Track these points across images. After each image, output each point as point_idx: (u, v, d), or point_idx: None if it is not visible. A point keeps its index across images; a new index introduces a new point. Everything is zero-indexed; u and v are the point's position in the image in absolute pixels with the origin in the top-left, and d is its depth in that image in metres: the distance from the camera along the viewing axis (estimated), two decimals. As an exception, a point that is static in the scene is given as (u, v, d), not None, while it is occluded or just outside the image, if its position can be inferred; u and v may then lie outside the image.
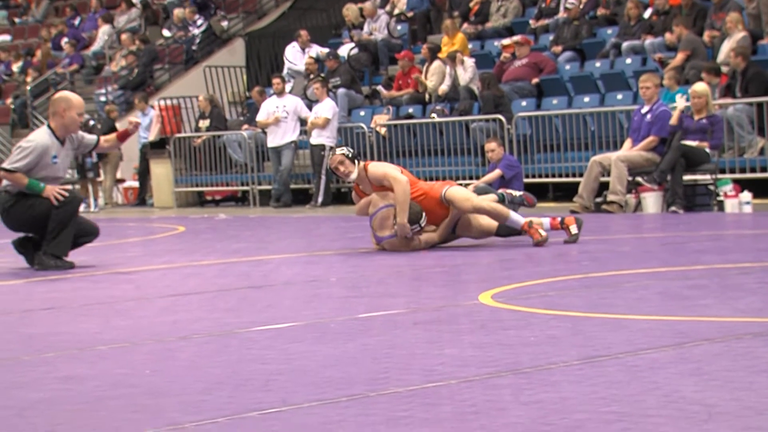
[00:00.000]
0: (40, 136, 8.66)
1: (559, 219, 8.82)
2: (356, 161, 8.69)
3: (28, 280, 8.04)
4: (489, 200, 8.83)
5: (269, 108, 17.56)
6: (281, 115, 17.33)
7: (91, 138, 8.95)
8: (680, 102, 12.55)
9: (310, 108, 17.41)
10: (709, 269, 6.73)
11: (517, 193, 9.82)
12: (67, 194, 8.52)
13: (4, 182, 8.68)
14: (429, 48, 17.64)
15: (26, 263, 8.71)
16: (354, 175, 8.69)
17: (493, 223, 8.72)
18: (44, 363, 4.55)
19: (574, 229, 8.72)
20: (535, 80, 16.32)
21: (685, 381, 3.57)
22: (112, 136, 9.22)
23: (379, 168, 8.74)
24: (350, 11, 20.29)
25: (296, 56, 19.78)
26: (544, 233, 8.52)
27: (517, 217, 8.61)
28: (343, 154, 8.70)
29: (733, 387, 3.46)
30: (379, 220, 8.63)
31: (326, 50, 19.52)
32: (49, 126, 8.71)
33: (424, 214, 8.59)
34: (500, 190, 10.00)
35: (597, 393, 3.45)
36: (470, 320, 5.07)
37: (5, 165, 8.58)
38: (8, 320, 6.01)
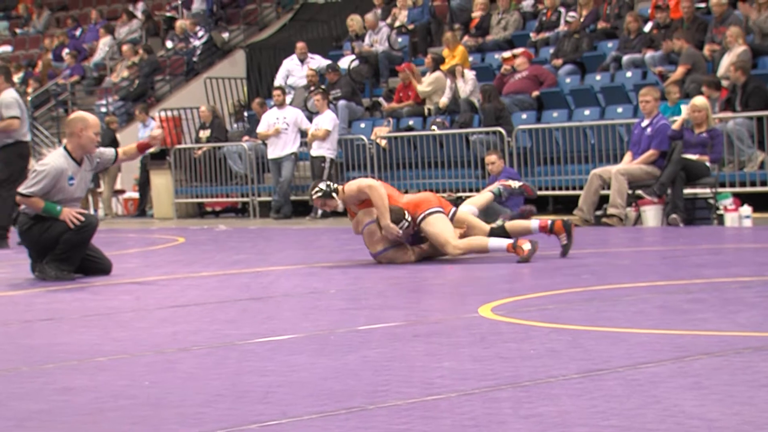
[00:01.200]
0: (55, 159, 8.64)
1: (549, 222, 8.69)
2: (334, 192, 8.74)
3: (27, 291, 8.04)
4: (461, 238, 8.71)
5: (269, 119, 17.58)
6: (281, 127, 17.35)
7: (110, 153, 8.96)
8: (685, 111, 12.55)
9: (310, 120, 17.43)
10: (709, 283, 6.73)
11: (515, 184, 9.73)
12: (83, 218, 8.51)
13: (22, 205, 8.68)
14: (433, 59, 17.66)
15: (29, 270, 8.71)
16: (339, 205, 8.79)
17: (482, 239, 8.69)
18: (43, 374, 4.55)
19: (564, 239, 8.61)
20: (535, 93, 16.35)
21: (684, 395, 3.56)
22: (132, 147, 9.26)
23: (351, 185, 8.80)
24: (355, 22, 20.32)
25: (295, 69, 19.81)
26: (527, 249, 8.33)
27: (499, 243, 8.52)
28: (318, 195, 8.78)
29: (732, 401, 3.46)
30: (368, 237, 8.67)
31: (326, 62, 19.55)
32: (65, 147, 8.72)
33: (406, 212, 8.58)
34: (498, 183, 9.93)
35: (596, 407, 3.44)
36: (470, 333, 5.07)
37: (21, 189, 8.57)
38: (8, 331, 6.01)
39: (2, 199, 12.34)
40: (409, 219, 8.58)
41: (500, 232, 8.72)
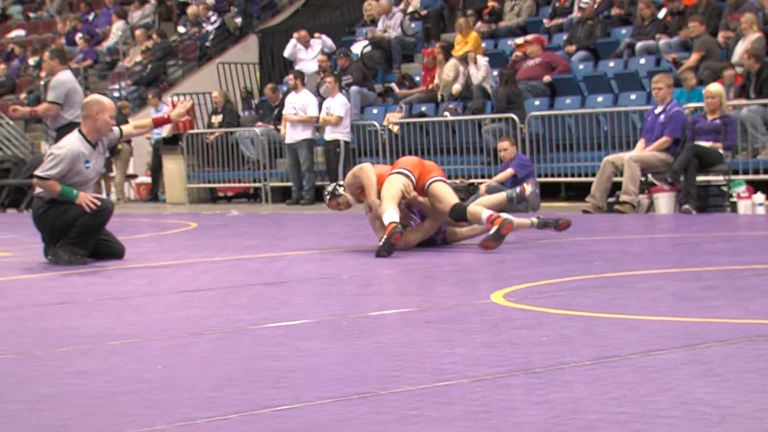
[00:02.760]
0: (71, 142, 8.65)
1: (495, 217, 8.35)
2: (339, 188, 8.80)
3: (41, 275, 8.06)
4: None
5: (286, 104, 17.64)
6: (290, 112, 17.36)
7: (115, 131, 8.94)
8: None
9: (321, 105, 17.43)
10: (722, 270, 6.71)
11: (529, 189, 9.47)
12: (99, 203, 8.52)
13: (38, 188, 8.69)
14: (442, 46, 17.62)
15: (42, 254, 8.73)
16: (350, 199, 8.83)
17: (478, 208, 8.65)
18: (57, 358, 4.56)
19: (494, 232, 8.25)
20: (547, 78, 16.27)
21: (697, 382, 3.56)
22: (147, 121, 9.31)
23: (348, 175, 8.86)
24: (372, 6, 20.27)
25: (300, 54, 19.79)
26: (492, 231, 8.20)
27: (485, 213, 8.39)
28: (328, 199, 8.87)
29: (745, 389, 3.45)
30: (372, 224, 8.71)
31: (330, 43, 19.57)
32: (79, 130, 8.72)
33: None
34: (513, 190, 9.81)
35: (609, 393, 3.44)
36: (482, 319, 5.07)
37: (38, 172, 8.58)
38: (21, 315, 6.03)
39: None
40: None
41: (461, 211, 8.46)
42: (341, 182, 8.96)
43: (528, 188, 9.35)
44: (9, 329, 5.46)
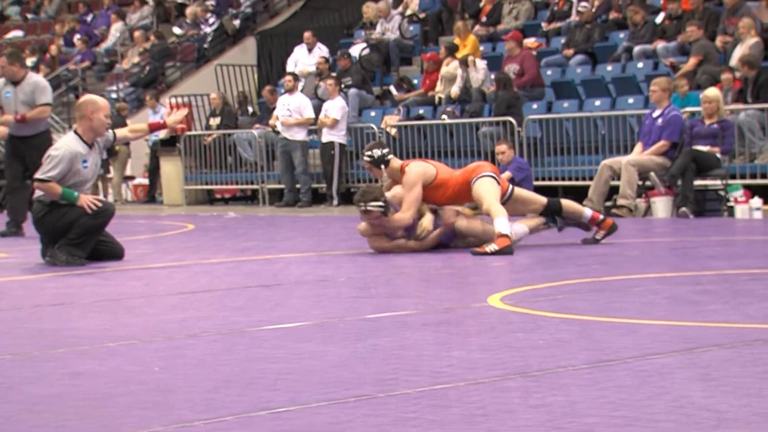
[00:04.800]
0: (67, 143, 8.66)
1: (601, 218, 8.92)
2: (383, 164, 8.66)
3: (38, 276, 8.06)
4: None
5: (279, 106, 17.63)
6: (284, 114, 17.35)
7: (108, 134, 8.95)
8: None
9: (319, 108, 17.43)
10: (719, 275, 6.72)
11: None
12: (101, 204, 8.52)
13: (38, 192, 8.69)
14: (446, 48, 17.63)
15: (40, 255, 8.73)
16: (385, 177, 8.76)
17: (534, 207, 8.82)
18: (54, 359, 4.56)
19: (599, 234, 8.83)
20: (514, 91, 16.10)
21: (694, 386, 3.56)
22: (143, 126, 9.32)
23: (410, 174, 8.61)
24: (370, 9, 20.28)
25: (302, 57, 19.86)
26: (492, 249, 8.15)
27: (503, 225, 8.31)
28: (368, 160, 8.73)
29: (742, 393, 3.45)
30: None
31: (325, 53, 19.64)
32: (75, 131, 8.73)
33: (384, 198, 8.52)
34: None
35: (606, 397, 3.45)
36: (479, 322, 5.07)
37: (38, 175, 8.58)
38: (18, 315, 6.03)
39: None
40: (384, 204, 8.51)
41: (556, 205, 8.79)
42: (387, 153, 8.70)
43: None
44: (6, 330, 5.46)
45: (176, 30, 23.91)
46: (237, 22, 23.24)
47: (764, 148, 13.34)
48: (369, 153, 8.76)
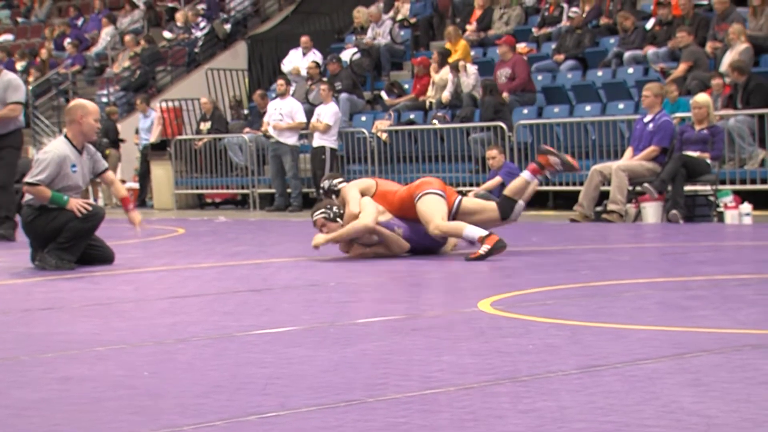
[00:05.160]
0: (56, 146, 8.67)
1: (535, 164, 8.59)
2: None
3: (27, 280, 8.04)
4: (445, 219, 8.51)
5: (270, 110, 17.62)
6: (276, 118, 17.35)
7: (103, 162, 8.96)
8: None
9: (311, 112, 17.43)
10: (709, 280, 6.73)
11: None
12: (90, 208, 8.51)
13: (27, 196, 8.67)
14: (440, 53, 17.64)
15: (29, 259, 8.71)
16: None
17: (493, 215, 8.68)
18: (43, 363, 4.55)
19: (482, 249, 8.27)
20: (505, 95, 16.11)
21: (683, 392, 3.57)
22: (123, 192, 9.21)
23: (343, 198, 8.70)
24: (361, 14, 20.30)
25: (295, 61, 19.87)
26: (484, 251, 8.13)
27: (473, 232, 8.32)
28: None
29: (731, 398, 3.46)
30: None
31: (319, 58, 19.64)
32: (65, 136, 8.73)
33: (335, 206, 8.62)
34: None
35: (595, 402, 3.45)
36: (469, 327, 5.07)
37: (27, 179, 8.56)
38: (7, 320, 6.01)
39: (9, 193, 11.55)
40: (326, 210, 8.58)
41: (508, 206, 8.60)
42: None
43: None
44: (-5, 334, 5.45)
45: (167, 34, 23.89)
46: (228, 27, 23.23)
47: (754, 154, 13.38)
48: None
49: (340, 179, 8.87)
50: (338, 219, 8.63)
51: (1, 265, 9.34)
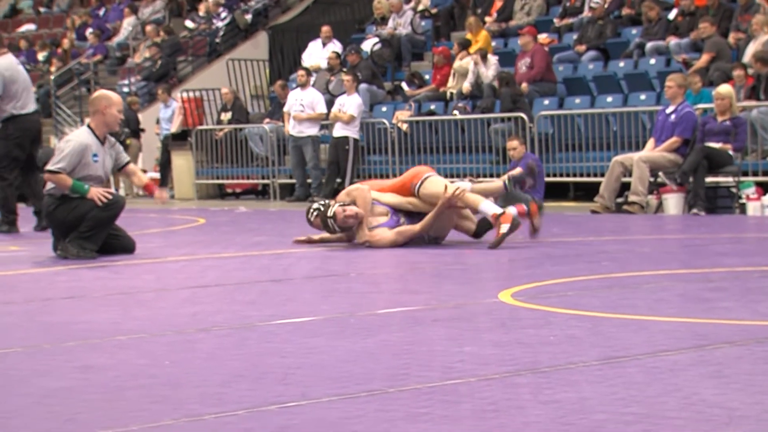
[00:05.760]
0: (78, 135, 8.72)
1: (526, 209, 8.61)
2: (331, 219, 8.66)
3: (49, 269, 8.07)
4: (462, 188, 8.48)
5: (290, 101, 17.64)
6: (297, 109, 17.36)
7: (125, 156, 9.01)
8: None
9: (331, 103, 17.43)
10: (731, 272, 6.70)
11: (517, 172, 9.56)
12: (111, 197, 8.54)
13: (48, 185, 8.70)
14: (459, 44, 17.60)
15: (51, 248, 8.75)
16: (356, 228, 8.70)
17: (471, 226, 8.68)
18: (64, 352, 4.57)
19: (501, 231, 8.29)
20: (524, 87, 16.07)
21: (705, 384, 3.55)
22: (144, 179, 9.31)
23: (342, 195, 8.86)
24: (382, 4, 20.26)
25: (315, 51, 19.87)
26: (505, 229, 8.18)
27: (488, 207, 8.38)
28: (315, 215, 8.72)
29: (753, 390, 3.44)
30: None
31: (339, 48, 19.63)
32: (88, 126, 8.77)
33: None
34: (504, 176, 9.85)
35: (616, 394, 3.44)
36: (490, 318, 5.07)
37: (48, 167, 8.60)
38: (29, 309, 6.04)
39: (6, 183, 11.19)
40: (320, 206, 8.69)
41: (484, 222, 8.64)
42: (329, 206, 8.72)
43: (516, 171, 9.42)
44: (17, 323, 5.48)
45: (188, 24, 23.92)
46: (249, 17, 23.24)
47: (776, 146, 13.30)
48: (314, 209, 8.74)
49: (327, 205, 8.75)
50: (332, 223, 8.64)
51: (23, 254, 9.39)
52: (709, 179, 12.18)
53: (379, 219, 8.67)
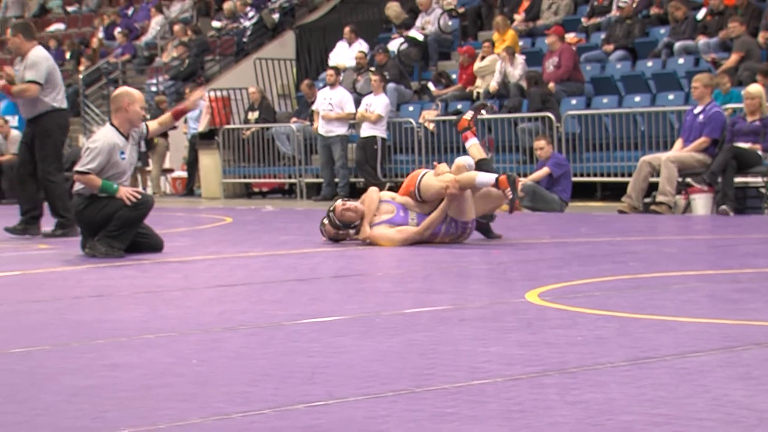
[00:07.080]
0: (105, 134, 8.73)
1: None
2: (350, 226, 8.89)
3: (78, 267, 8.11)
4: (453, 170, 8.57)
5: (319, 100, 17.67)
6: (326, 108, 17.39)
7: (142, 127, 9.00)
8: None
9: (358, 102, 17.44)
10: (759, 273, 6.66)
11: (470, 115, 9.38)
12: (140, 196, 8.58)
13: (77, 185, 8.75)
14: (490, 43, 17.59)
15: (79, 247, 8.79)
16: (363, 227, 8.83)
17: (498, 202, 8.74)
18: (93, 350, 4.59)
19: (508, 193, 8.33)
20: (551, 86, 16.04)
21: (734, 385, 3.53)
22: (167, 115, 9.27)
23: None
24: (391, 10, 20.30)
25: (341, 51, 19.90)
26: (511, 195, 8.25)
27: (484, 178, 8.42)
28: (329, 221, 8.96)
29: (782, 393, 3.42)
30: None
31: (365, 48, 19.63)
32: (111, 123, 8.79)
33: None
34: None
35: (644, 395, 3.42)
36: (517, 318, 5.05)
37: (77, 168, 8.63)
38: (58, 307, 6.07)
39: (54, 184, 10.69)
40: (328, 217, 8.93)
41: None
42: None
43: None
44: (46, 321, 5.51)
45: (216, 23, 24.00)
46: (276, 16, 23.28)
47: (806, 146, 13.21)
48: (326, 219, 8.96)
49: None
50: (332, 216, 8.86)
51: (52, 252, 9.44)
52: (737, 179, 12.11)
53: (383, 216, 8.71)
